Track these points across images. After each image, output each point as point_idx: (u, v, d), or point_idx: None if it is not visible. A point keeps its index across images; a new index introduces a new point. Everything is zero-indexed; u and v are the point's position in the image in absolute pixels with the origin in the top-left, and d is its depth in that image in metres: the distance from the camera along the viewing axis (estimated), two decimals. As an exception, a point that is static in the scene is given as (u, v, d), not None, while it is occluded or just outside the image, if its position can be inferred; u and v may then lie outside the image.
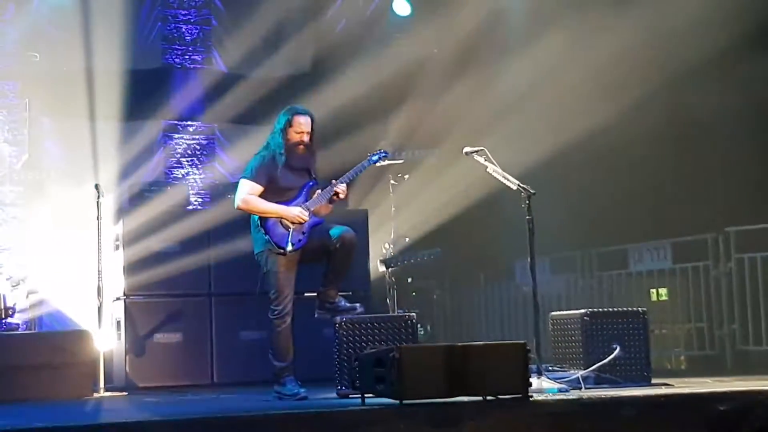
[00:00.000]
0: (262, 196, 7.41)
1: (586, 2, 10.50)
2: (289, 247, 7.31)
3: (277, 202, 7.41)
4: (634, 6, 10.16)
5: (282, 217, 7.37)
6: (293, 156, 7.45)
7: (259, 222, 7.40)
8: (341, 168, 7.76)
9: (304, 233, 7.40)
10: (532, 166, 9.56)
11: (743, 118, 9.79)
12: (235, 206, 7.48)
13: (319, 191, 7.53)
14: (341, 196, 7.51)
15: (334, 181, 7.52)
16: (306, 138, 7.46)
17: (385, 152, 7.86)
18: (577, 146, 10.72)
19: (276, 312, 7.36)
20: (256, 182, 7.41)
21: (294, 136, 7.44)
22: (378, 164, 7.90)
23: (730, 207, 9.92)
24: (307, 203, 7.46)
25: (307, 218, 7.40)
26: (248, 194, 7.40)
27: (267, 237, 7.34)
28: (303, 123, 7.46)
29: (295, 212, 7.38)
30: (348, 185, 7.56)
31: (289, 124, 7.43)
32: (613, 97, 10.37)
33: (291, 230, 7.36)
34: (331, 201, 7.53)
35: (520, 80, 11.12)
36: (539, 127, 10.96)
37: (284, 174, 7.45)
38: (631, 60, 10.35)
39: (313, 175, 7.58)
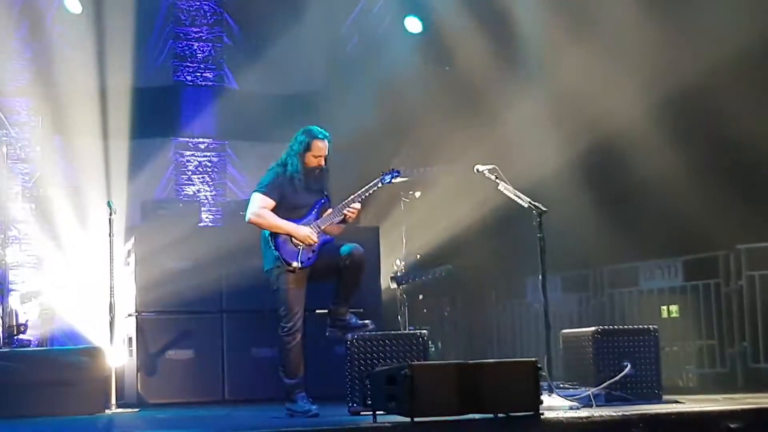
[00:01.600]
0: (275, 212, 7.43)
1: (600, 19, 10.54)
2: (299, 264, 7.33)
3: (288, 219, 7.43)
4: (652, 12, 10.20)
5: (291, 236, 7.38)
6: (309, 178, 7.49)
7: (269, 238, 7.42)
8: (352, 185, 7.77)
9: (313, 251, 7.41)
10: (543, 184, 9.55)
11: (758, 132, 9.78)
12: (247, 219, 7.49)
13: (330, 210, 7.56)
14: (352, 217, 7.52)
15: (346, 201, 7.53)
16: (323, 162, 7.50)
17: (398, 171, 7.87)
18: (587, 163, 10.74)
19: (286, 329, 7.36)
20: (269, 197, 7.43)
21: (312, 161, 7.47)
22: (390, 183, 7.90)
23: (741, 225, 9.89)
24: (318, 222, 7.48)
25: (316, 240, 7.41)
26: (261, 208, 7.42)
27: (277, 253, 7.36)
28: (321, 147, 7.49)
29: (306, 232, 7.39)
30: (360, 203, 7.57)
31: (307, 147, 7.45)
32: (625, 113, 10.39)
33: (301, 248, 7.37)
34: (343, 221, 7.54)
35: (532, 99, 11.14)
36: (550, 144, 10.97)
37: (298, 192, 7.47)
38: (641, 75, 10.37)
39: (326, 193, 7.61)
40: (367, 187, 7.64)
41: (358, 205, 7.53)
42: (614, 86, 10.39)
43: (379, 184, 7.70)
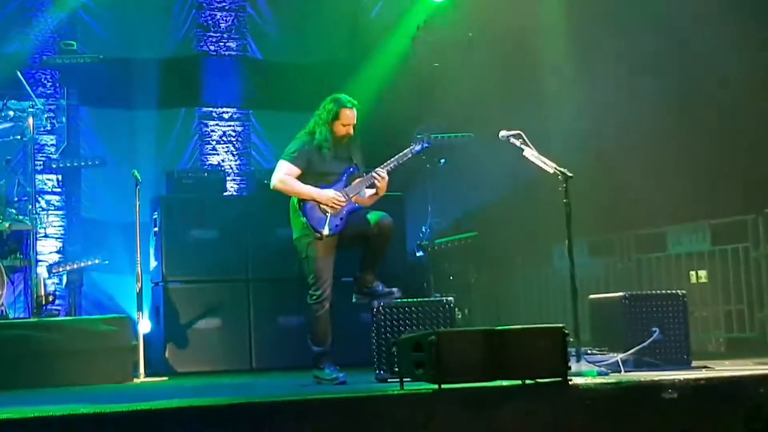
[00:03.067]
0: (301, 179, 7.41)
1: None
2: (326, 231, 7.31)
3: (316, 186, 7.41)
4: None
5: (316, 201, 7.36)
6: (338, 146, 7.46)
7: (297, 206, 7.41)
8: (379, 154, 7.74)
9: (341, 219, 7.40)
10: (569, 150, 9.49)
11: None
12: (272, 186, 7.48)
13: (360, 178, 7.53)
14: (379, 184, 7.47)
15: (377, 168, 7.51)
16: (351, 130, 7.47)
17: (429, 142, 7.84)
18: (614, 128, 10.67)
19: (315, 297, 7.37)
20: (295, 165, 7.41)
21: (341, 129, 7.43)
22: (421, 153, 7.84)
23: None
24: (346, 189, 7.46)
25: (343, 202, 7.39)
26: (285, 174, 7.41)
27: (305, 220, 7.34)
28: (350, 116, 7.45)
29: (330, 195, 7.37)
30: (387, 173, 7.54)
31: (336, 116, 7.41)
32: (652, 80, 10.30)
33: (329, 215, 7.36)
34: (372, 186, 7.51)
35: (559, 64, 11.06)
36: (576, 110, 10.90)
37: (325, 161, 7.45)
38: (669, 44, 10.31)
39: (355, 162, 7.57)
40: (397, 156, 7.61)
41: (386, 175, 7.49)
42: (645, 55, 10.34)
43: (410, 155, 7.67)
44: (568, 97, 11.00)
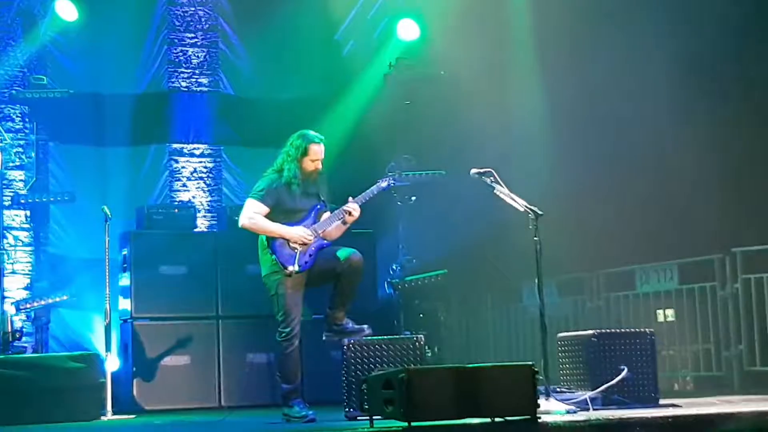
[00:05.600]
0: (270, 216, 7.41)
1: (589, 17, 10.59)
2: (296, 268, 7.31)
3: (285, 224, 7.42)
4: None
5: (285, 238, 7.37)
6: (306, 182, 7.48)
7: (266, 243, 7.41)
8: (348, 190, 7.76)
9: (310, 255, 7.40)
10: (539, 188, 9.55)
11: (750, 136, 9.81)
12: (240, 224, 7.49)
13: (327, 213, 7.55)
14: (354, 214, 7.49)
15: (346, 206, 7.52)
16: (320, 165, 7.49)
17: (395, 179, 7.92)
18: (583, 168, 10.75)
19: (284, 334, 7.35)
20: (263, 203, 7.42)
21: (309, 165, 7.46)
22: (387, 190, 7.88)
23: (735, 228, 9.91)
24: (315, 225, 7.47)
25: (311, 239, 7.40)
26: (254, 213, 7.41)
27: (273, 257, 7.34)
28: (318, 151, 7.48)
29: (299, 232, 7.38)
30: (359, 207, 7.56)
31: (305, 152, 7.43)
32: (617, 116, 10.41)
33: (298, 251, 7.36)
34: (345, 222, 7.52)
35: (527, 103, 11.15)
36: (545, 149, 10.98)
37: (294, 197, 7.46)
38: (630, 79, 10.44)
39: (322, 198, 7.59)
40: (364, 193, 7.64)
41: (357, 208, 7.51)
42: (613, 87, 10.44)
43: (376, 191, 7.70)
44: (539, 134, 11.10)
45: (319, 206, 7.56)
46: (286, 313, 7.34)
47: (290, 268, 7.30)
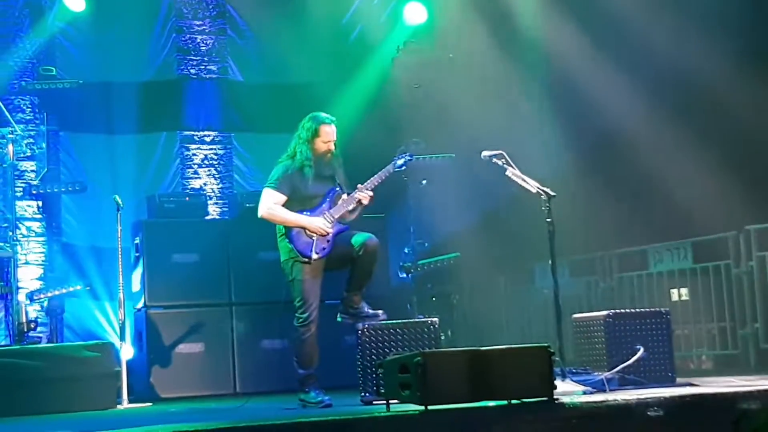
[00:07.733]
0: (286, 204, 7.42)
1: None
2: (314, 256, 7.34)
3: (301, 209, 7.43)
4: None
5: (305, 228, 7.37)
6: (320, 165, 7.47)
7: (284, 231, 7.41)
8: (360, 175, 7.75)
9: (328, 241, 7.41)
10: (551, 168, 9.53)
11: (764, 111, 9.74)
12: (259, 215, 7.50)
13: (344, 197, 7.54)
14: (364, 202, 7.51)
15: (360, 186, 7.53)
16: (332, 146, 7.48)
17: (411, 155, 7.89)
18: (596, 147, 10.71)
19: (302, 320, 7.36)
20: (280, 192, 7.42)
21: (321, 146, 7.45)
22: (404, 168, 7.86)
23: (750, 205, 9.85)
24: (331, 211, 7.47)
25: (330, 230, 7.41)
26: (272, 203, 7.41)
27: (291, 246, 7.35)
28: (330, 132, 7.47)
29: (318, 223, 7.39)
30: (373, 190, 7.56)
31: (316, 134, 7.43)
32: (631, 95, 10.35)
33: (315, 239, 7.37)
34: (356, 208, 7.53)
35: (538, 82, 11.12)
36: (558, 128, 10.95)
37: (309, 183, 7.45)
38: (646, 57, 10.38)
39: (338, 182, 7.58)
40: (380, 172, 7.63)
41: (371, 194, 7.51)
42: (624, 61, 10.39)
43: (392, 170, 7.69)
44: (547, 116, 11.06)
45: (335, 189, 7.55)
46: (304, 298, 7.35)
47: (310, 256, 7.31)
